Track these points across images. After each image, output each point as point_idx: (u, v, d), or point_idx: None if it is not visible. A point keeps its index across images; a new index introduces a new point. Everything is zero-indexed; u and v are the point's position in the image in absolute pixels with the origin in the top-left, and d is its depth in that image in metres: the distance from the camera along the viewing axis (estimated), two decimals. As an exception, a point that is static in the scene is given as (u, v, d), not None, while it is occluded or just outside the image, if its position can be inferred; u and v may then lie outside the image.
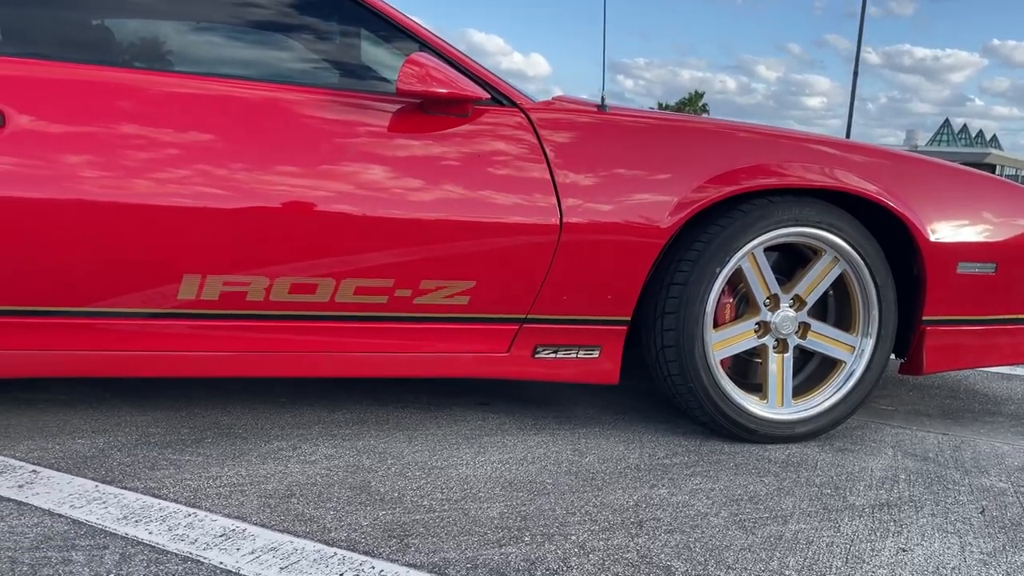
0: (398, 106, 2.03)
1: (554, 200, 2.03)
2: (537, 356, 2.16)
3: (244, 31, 2.27)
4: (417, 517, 1.69)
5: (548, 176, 2.04)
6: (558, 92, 2.20)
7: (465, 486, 1.87)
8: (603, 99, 2.17)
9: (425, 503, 1.77)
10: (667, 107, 48.84)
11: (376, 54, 2.27)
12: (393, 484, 1.86)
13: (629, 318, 2.15)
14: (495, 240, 2.02)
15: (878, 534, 1.72)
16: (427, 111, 2.03)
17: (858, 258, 2.21)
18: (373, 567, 1.47)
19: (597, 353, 2.18)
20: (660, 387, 2.27)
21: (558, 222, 2.03)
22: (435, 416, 2.37)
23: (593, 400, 2.61)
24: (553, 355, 2.17)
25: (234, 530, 1.59)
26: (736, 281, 2.21)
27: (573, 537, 1.64)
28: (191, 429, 2.15)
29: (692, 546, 1.62)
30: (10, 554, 1.45)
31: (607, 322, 2.15)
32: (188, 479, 1.82)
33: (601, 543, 1.62)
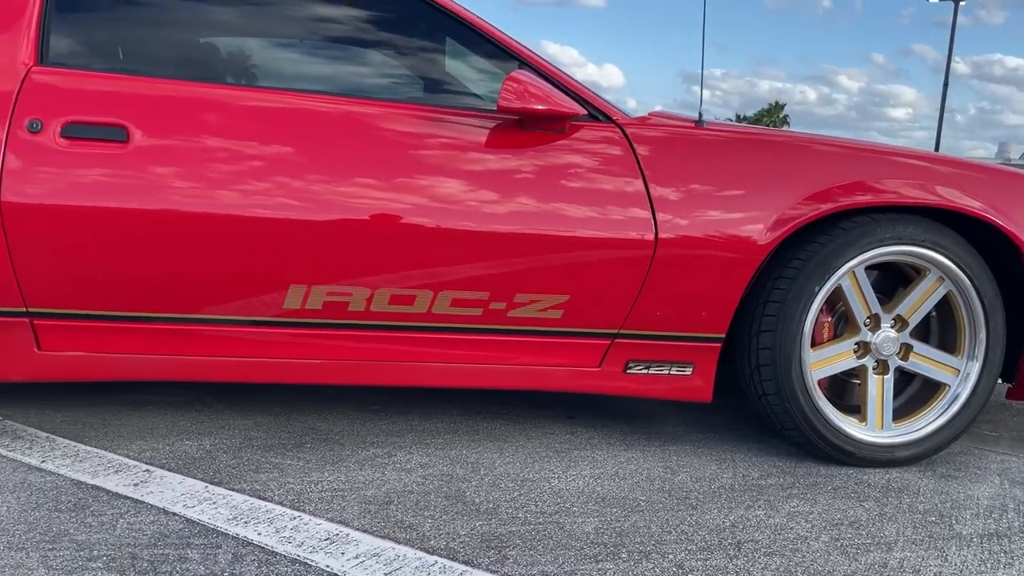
0: (497, 122, 2.06)
1: (650, 215, 2.03)
2: (629, 372, 2.16)
3: (349, 49, 2.35)
4: (513, 529, 1.71)
5: (644, 191, 2.05)
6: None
7: (558, 500, 1.88)
8: (700, 115, 2.16)
9: (520, 515, 1.78)
10: (745, 118, 48.06)
11: (472, 71, 2.32)
12: (488, 495, 1.88)
13: (724, 335, 2.13)
14: (589, 254, 2.03)
15: (988, 565, 1.66)
16: (525, 127, 2.05)
17: (964, 278, 2.14)
18: (473, 577, 1.50)
19: (690, 370, 2.16)
20: (754, 406, 2.23)
21: (653, 237, 2.03)
22: (524, 428, 2.38)
23: (682, 417, 2.58)
24: (645, 371, 2.16)
25: (338, 534, 1.63)
26: (835, 300, 2.17)
27: (671, 556, 1.63)
28: (290, 434, 2.21)
29: (793, 570, 1.59)
30: (130, 550, 1.52)
31: (701, 339, 2.13)
32: (291, 483, 1.88)
33: (699, 563, 1.60)
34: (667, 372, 2.16)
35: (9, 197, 1.82)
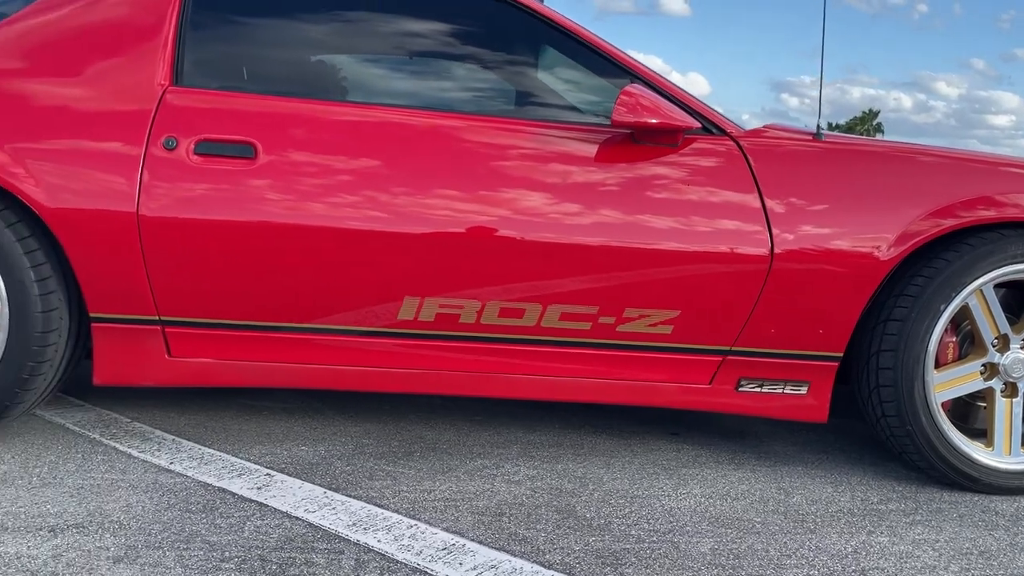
0: (608, 136, 2.06)
1: (765, 229, 2.00)
2: (741, 389, 2.12)
3: (458, 66, 2.39)
4: (627, 546, 1.70)
5: (759, 205, 2.01)
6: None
7: (671, 518, 1.85)
8: (819, 127, 2.11)
9: (633, 532, 1.77)
10: (837, 127, 46.68)
11: (577, 85, 2.33)
12: (598, 510, 1.88)
13: (841, 354, 2.07)
14: (702, 269, 2.01)
15: None
16: (637, 141, 2.05)
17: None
18: (592, 593, 1.49)
19: (805, 389, 2.11)
20: (872, 428, 2.16)
21: (768, 252, 1.99)
22: (628, 444, 2.37)
23: (792, 436, 2.52)
24: (758, 389, 2.12)
25: (454, 544, 1.65)
26: (960, 319, 2.08)
27: (792, 580, 1.59)
28: (400, 442, 2.26)
29: (924, 601, 1.53)
30: (259, 552, 1.58)
31: (817, 357, 2.07)
32: (405, 491, 1.91)
33: (822, 589, 1.56)
34: (781, 391, 2.11)
35: (146, 211, 1.92)
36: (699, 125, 2.06)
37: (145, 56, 2.03)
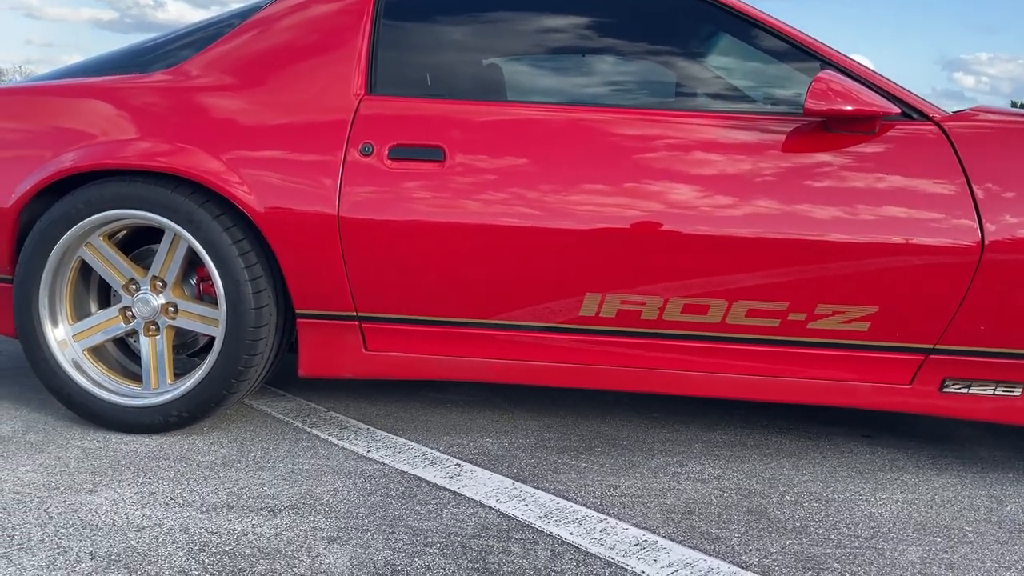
0: (797, 124, 1.99)
1: (974, 219, 1.86)
2: (945, 390, 1.99)
3: (634, 60, 2.37)
4: (828, 551, 1.64)
5: (967, 192, 1.88)
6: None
7: (872, 524, 1.77)
8: (1034, 107, 1.94)
9: (832, 537, 1.70)
10: (1021, 106, 42.73)
11: (759, 72, 2.26)
12: (792, 512, 1.82)
13: (1061, 353, 1.90)
14: (903, 262, 1.90)
15: None
16: (829, 129, 1.96)
17: None
18: (795, 597, 1.45)
19: (1019, 391, 1.95)
20: (1099, 434, 1.97)
21: (978, 243, 1.86)
22: (817, 445, 2.28)
23: (997, 441, 2.34)
24: (965, 390, 1.98)
25: (646, 540, 1.65)
26: None
27: (1016, 596, 1.48)
28: (580, 437, 2.28)
29: None
30: (459, 539, 1.64)
31: (1033, 356, 1.91)
32: (590, 485, 1.93)
33: (1053, 607, 1.44)
34: (991, 392, 1.96)
35: (345, 213, 2.03)
36: (897, 110, 1.95)
37: (342, 68, 2.15)
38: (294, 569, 1.50)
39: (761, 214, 1.94)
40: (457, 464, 2.04)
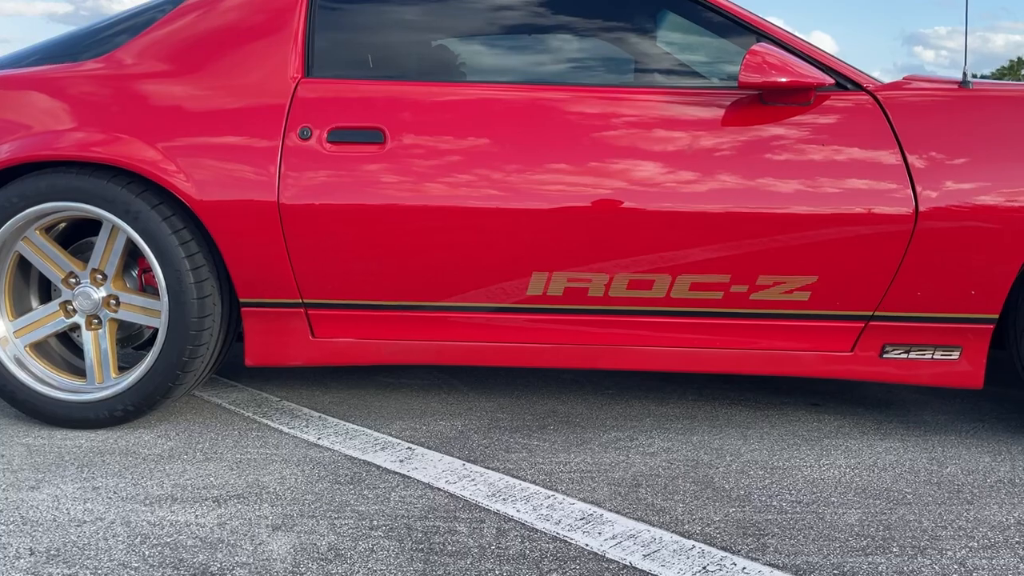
0: (734, 99, 2.00)
1: (908, 187, 1.89)
2: (885, 356, 2.02)
3: (575, 38, 2.37)
4: (769, 517, 1.66)
5: (901, 161, 1.91)
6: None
7: (814, 489, 1.80)
8: (965, 74, 1.97)
9: (775, 504, 1.73)
10: (982, 78, 43.36)
11: (695, 47, 2.26)
12: (737, 481, 1.84)
13: (996, 316, 1.94)
14: (841, 232, 1.92)
15: None
16: (765, 102, 1.98)
17: None
18: (735, 564, 1.47)
19: (957, 354, 1.99)
20: (1034, 393, 2.02)
21: (913, 211, 1.88)
22: (766, 414, 2.31)
23: (942, 405, 2.39)
24: (904, 355, 2.01)
25: (592, 514, 1.67)
26: None
27: (949, 553, 1.51)
28: (533, 416, 2.29)
29: (1102, 576, 1.42)
30: (405, 521, 1.64)
31: (969, 320, 1.95)
32: (541, 463, 1.94)
33: (984, 562, 1.48)
34: (930, 356, 2.00)
35: (286, 200, 2.01)
36: (832, 81, 1.97)
37: (278, 51, 2.12)
38: (236, 557, 1.49)
39: (702, 189, 1.95)
40: (409, 448, 2.04)
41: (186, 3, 2.22)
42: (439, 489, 1.79)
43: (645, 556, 1.50)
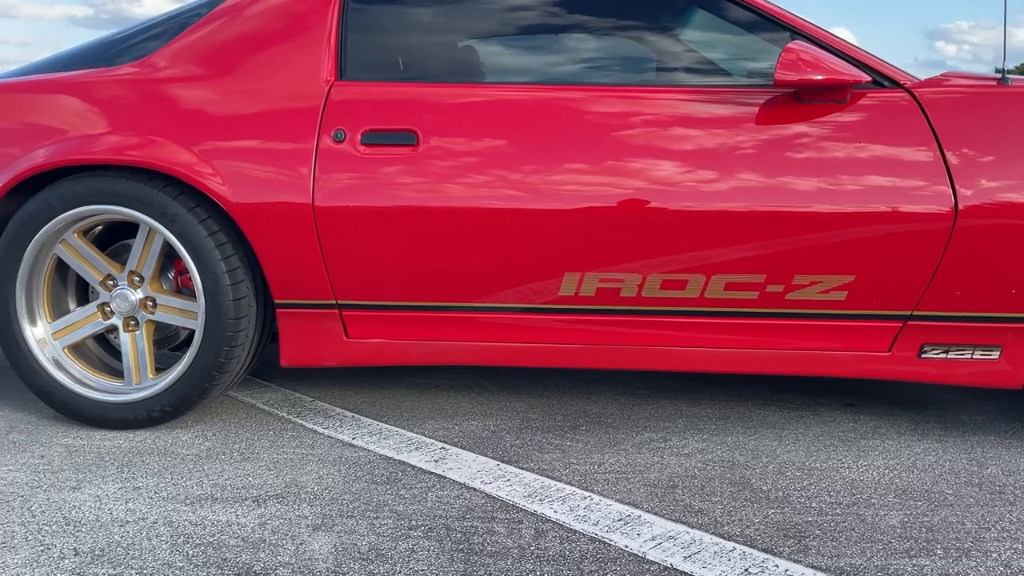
0: (769, 96, 1.99)
1: (947, 185, 1.87)
2: (924, 356, 2.00)
3: (609, 38, 2.36)
4: (810, 519, 1.65)
5: (939, 159, 1.88)
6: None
7: (853, 491, 1.78)
8: (1003, 71, 1.95)
9: (814, 505, 1.71)
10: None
11: (728, 45, 2.25)
12: (774, 483, 1.83)
13: (1037, 315, 1.91)
14: (878, 231, 1.91)
15: None
16: (801, 100, 1.96)
17: None
18: (777, 566, 1.46)
19: (996, 354, 1.96)
20: (1076, 394, 1.99)
21: (952, 209, 1.86)
22: (800, 415, 2.29)
23: (980, 405, 2.36)
24: (943, 355, 1.99)
25: (630, 515, 1.66)
26: None
27: (995, 555, 1.49)
28: (564, 416, 2.28)
29: None
30: (443, 521, 1.65)
31: (1010, 319, 1.93)
32: (575, 463, 1.94)
33: (1031, 565, 1.46)
34: (969, 356, 1.98)
35: (320, 202, 2.02)
36: (868, 78, 1.95)
37: (311, 54, 2.13)
38: (278, 557, 1.50)
39: (737, 187, 1.94)
40: (442, 448, 2.04)
41: (219, 7, 2.24)
42: (475, 489, 1.79)
43: (686, 558, 1.49)
